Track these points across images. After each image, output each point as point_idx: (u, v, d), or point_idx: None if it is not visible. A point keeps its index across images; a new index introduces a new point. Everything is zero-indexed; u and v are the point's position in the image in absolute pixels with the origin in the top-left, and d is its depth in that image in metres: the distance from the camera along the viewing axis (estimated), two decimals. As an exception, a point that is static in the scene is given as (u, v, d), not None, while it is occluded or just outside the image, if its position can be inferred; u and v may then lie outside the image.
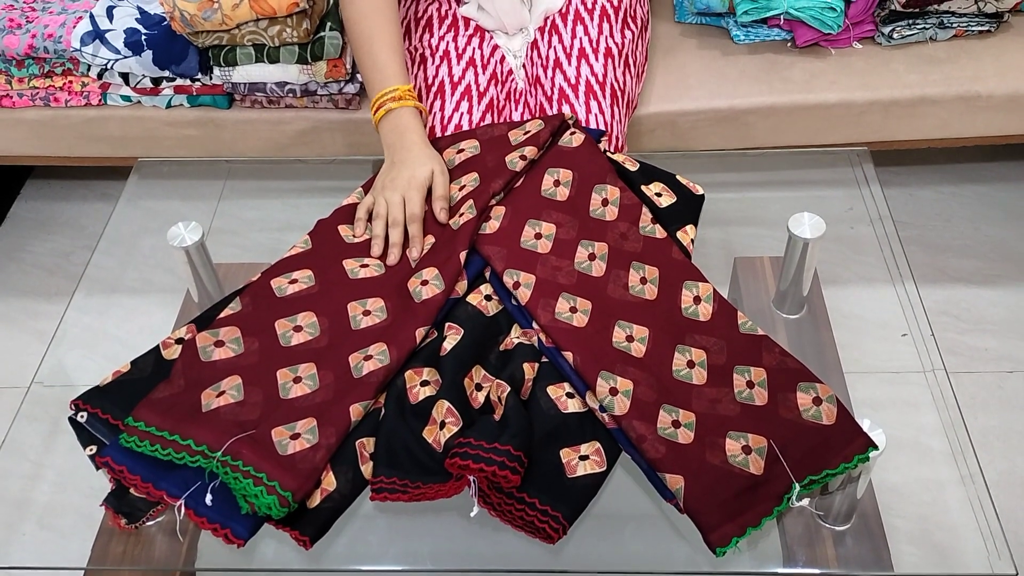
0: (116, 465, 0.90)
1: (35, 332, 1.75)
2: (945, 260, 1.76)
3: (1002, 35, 1.57)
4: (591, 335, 0.97)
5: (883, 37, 1.56)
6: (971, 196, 1.88)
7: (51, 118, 1.60)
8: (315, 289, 1.04)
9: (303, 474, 0.87)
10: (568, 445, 0.90)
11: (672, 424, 0.90)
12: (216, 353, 0.98)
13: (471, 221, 1.05)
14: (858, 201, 1.25)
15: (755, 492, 0.86)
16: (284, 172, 1.51)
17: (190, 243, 1.13)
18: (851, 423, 0.90)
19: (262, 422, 0.91)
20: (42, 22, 1.53)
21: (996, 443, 1.49)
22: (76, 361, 1.15)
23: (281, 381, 0.95)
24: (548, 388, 0.94)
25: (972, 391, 1.55)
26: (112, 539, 0.98)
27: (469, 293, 1.03)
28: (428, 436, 0.91)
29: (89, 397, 0.96)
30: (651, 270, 1.05)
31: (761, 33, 1.57)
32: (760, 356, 0.97)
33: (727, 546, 0.83)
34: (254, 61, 1.46)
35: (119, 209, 1.31)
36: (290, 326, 1.00)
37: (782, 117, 1.53)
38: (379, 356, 0.95)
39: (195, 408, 0.92)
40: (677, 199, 1.12)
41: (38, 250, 1.91)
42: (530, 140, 1.14)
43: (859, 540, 0.94)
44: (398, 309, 1.01)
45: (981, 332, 1.64)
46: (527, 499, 0.87)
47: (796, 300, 1.18)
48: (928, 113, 1.53)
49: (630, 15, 1.40)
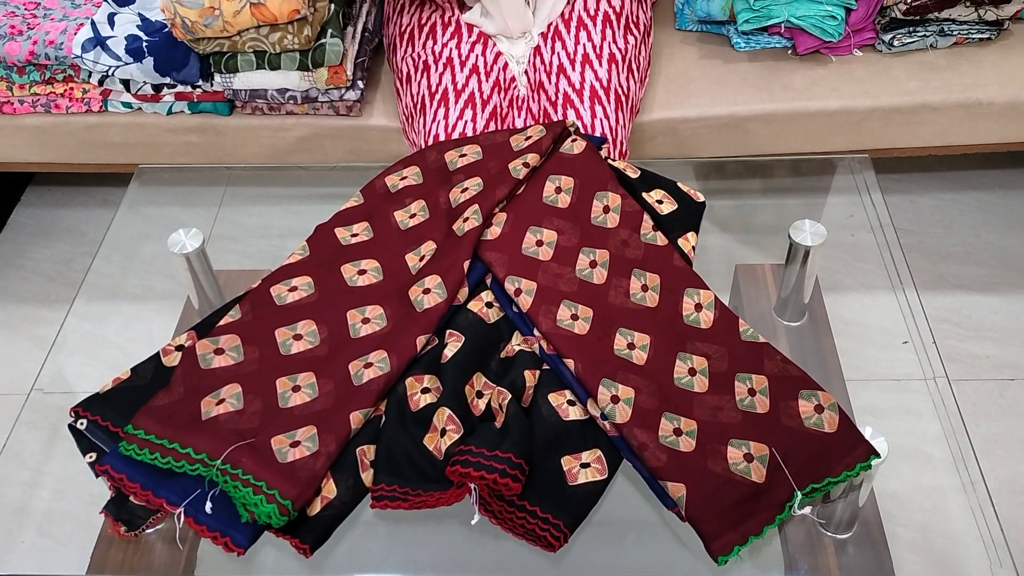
0: (115, 473, 0.89)
1: (35, 339, 1.75)
2: (946, 267, 1.76)
3: (1002, 42, 1.57)
4: (592, 342, 0.97)
5: (884, 44, 1.56)
6: (972, 203, 1.88)
7: (52, 125, 1.60)
8: (314, 297, 1.04)
9: (303, 482, 0.87)
10: (569, 453, 0.90)
11: (674, 432, 0.90)
12: (216, 361, 0.98)
13: (476, 229, 1.05)
14: (859, 208, 1.25)
15: (757, 500, 0.86)
16: (285, 179, 1.51)
17: (191, 250, 1.13)
18: (853, 431, 0.90)
19: (262, 430, 0.91)
20: (43, 29, 1.53)
21: (998, 451, 1.49)
22: (76, 368, 1.15)
23: (280, 390, 0.95)
24: (549, 395, 0.94)
25: (973, 399, 1.55)
26: (111, 547, 0.98)
27: (470, 300, 1.03)
28: (429, 443, 0.91)
29: (89, 404, 0.96)
30: (652, 277, 1.04)
31: (762, 41, 1.57)
32: (762, 363, 0.97)
33: (729, 554, 0.83)
34: (255, 68, 1.46)
35: (119, 216, 1.31)
36: (290, 334, 1.00)
37: (783, 124, 1.53)
38: (379, 363, 0.95)
39: (195, 416, 0.92)
40: (678, 206, 1.12)
41: (38, 257, 1.91)
42: (532, 147, 1.14)
43: (861, 548, 0.94)
44: (398, 316, 1.00)
45: (982, 339, 1.64)
46: (528, 507, 0.87)
47: (797, 307, 1.17)
48: (929, 120, 1.53)
49: (632, 21, 1.40)
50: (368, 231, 1.12)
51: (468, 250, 1.03)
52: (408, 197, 1.15)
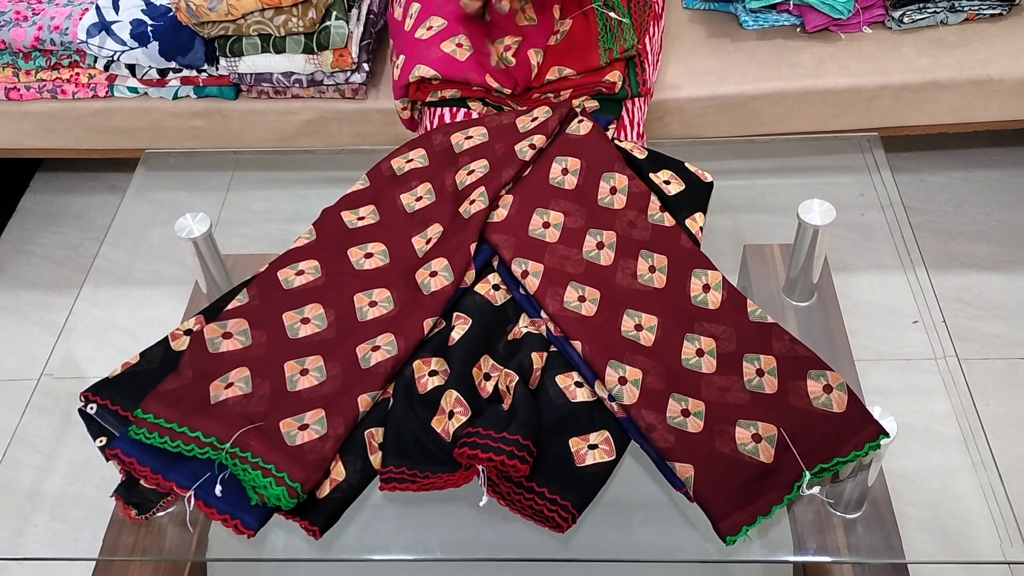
0: (126, 457, 0.90)
1: (45, 324, 1.76)
2: (956, 246, 1.75)
3: (1014, 18, 1.55)
4: (600, 324, 0.97)
5: (893, 21, 1.54)
6: (982, 181, 1.86)
7: (58, 110, 1.60)
8: (321, 281, 1.04)
9: (311, 465, 0.87)
10: (577, 434, 0.90)
11: (681, 413, 0.90)
12: (224, 345, 0.98)
13: (482, 211, 1.04)
14: (868, 187, 1.24)
15: (765, 480, 0.86)
16: (292, 162, 1.51)
17: (198, 234, 1.13)
18: (862, 411, 0.90)
19: (270, 414, 0.91)
20: (48, 14, 1.53)
21: (1008, 429, 1.48)
22: (86, 353, 1.16)
23: (288, 373, 0.95)
24: (557, 377, 0.94)
25: (984, 377, 1.55)
26: (123, 530, 0.98)
27: (477, 282, 1.03)
28: (437, 426, 0.91)
29: (98, 389, 0.96)
30: (660, 258, 1.04)
31: (770, 18, 1.55)
32: (770, 344, 0.96)
33: (737, 535, 0.83)
34: (260, 51, 1.46)
35: (127, 201, 1.31)
36: (298, 318, 1.00)
37: (791, 103, 1.52)
38: (387, 347, 0.95)
39: (203, 400, 0.93)
40: (686, 187, 1.12)
41: (47, 242, 1.91)
42: (538, 128, 1.14)
43: (870, 528, 0.94)
44: (405, 299, 1.00)
45: (992, 318, 1.63)
46: (536, 488, 0.87)
47: (806, 287, 1.17)
48: (939, 98, 1.52)
49: None
50: (375, 214, 1.11)
51: (475, 232, 1.03)
52: (414, 180, 1.14)
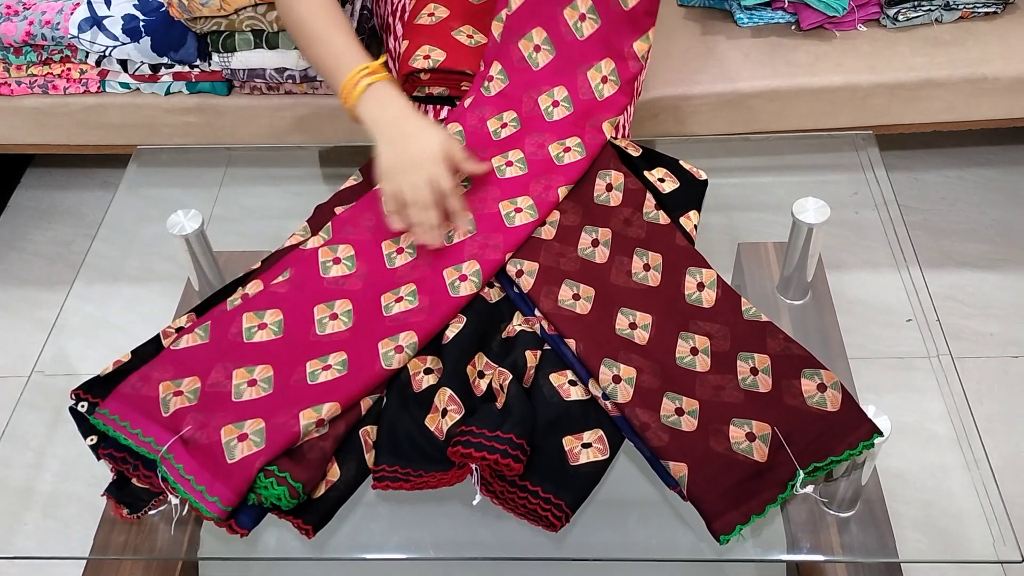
0: (117, 455, 0.89)
1: (36, 321, 1.75)
2: (950, 244, 1.75)
3: (1008, 17, 1.56)
4: (594, 322, 0.96)
5: (888, 19, 1.54)
6: (977, 180, 1.87)
7: (50, 106, 1.59)
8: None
9: (314, 464, 0.87)
10: (571, 433, 0.90)
11: (675, 412, 0.90)
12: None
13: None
14: (863, 185, 1.24)
15: (759, 479, 0.86)
16: (285, 159, 1.50)
17: (190, 231, 1.13)
18: (856, 410, 0.89)
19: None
20: (39, 9, 1.52)
21: (1001, 428, 1.48)
22: (77, 350, 1.15)
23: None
24: (550, 376, 0.94)
25: (977, 376, 1.55)
26: (115, 528, 0.98)
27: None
28: (430, 424, 0.91)
29: (90, 387, 0.95)
30: (654, 256, 1.04)
31: (765, 16, 1.55)
32: (764, 343, 0.96)
33: (731, 534, 0.83)
34: (253, 47, 1.45)
35: (119, 197, 1.30)
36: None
37: (786, 101, 1.52)
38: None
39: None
40: (680, 184, 1.12)
41: (39, 239, 1.90)
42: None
43: (863, 527, 0.94)
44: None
45: (986, 317, 1.63)
46: (530, 487, 0.87)
47: (800, 286, 1.17)
48: (933, 96, 1.52)
49: None
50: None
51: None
52: None
